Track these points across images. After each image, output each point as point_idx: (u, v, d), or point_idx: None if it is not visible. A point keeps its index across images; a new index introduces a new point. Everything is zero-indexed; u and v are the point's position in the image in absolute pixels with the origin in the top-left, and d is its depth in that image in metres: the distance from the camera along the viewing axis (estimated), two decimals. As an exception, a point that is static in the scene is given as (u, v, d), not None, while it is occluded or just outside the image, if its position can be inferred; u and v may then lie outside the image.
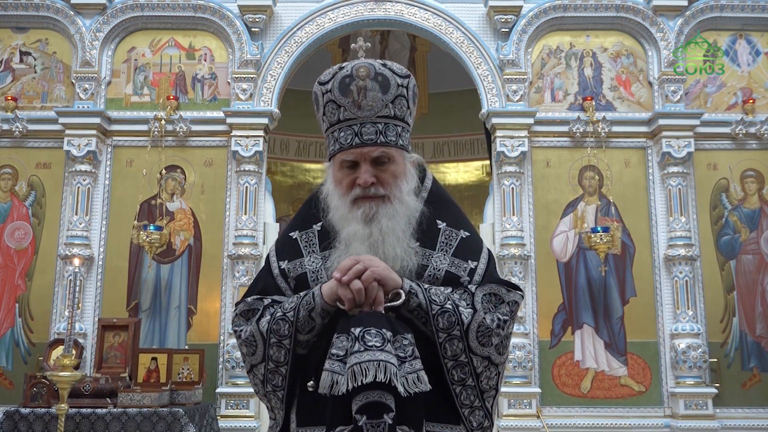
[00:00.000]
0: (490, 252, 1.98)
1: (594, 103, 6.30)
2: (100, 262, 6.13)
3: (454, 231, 1.92)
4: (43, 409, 4.73)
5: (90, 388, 4.86)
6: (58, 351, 5.02)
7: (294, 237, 1.95)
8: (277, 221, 6.60)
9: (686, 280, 6.04)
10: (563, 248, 6.22)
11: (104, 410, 4.69)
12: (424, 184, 1.96)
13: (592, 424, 5.87)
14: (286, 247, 1.95)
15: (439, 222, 1.91)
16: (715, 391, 5.88)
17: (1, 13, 6.43)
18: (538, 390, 5.90)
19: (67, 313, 5.48)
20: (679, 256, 6.05)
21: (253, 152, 6.20)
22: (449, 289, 1.82)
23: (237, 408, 5.82)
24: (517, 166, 6.23)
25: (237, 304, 1.94)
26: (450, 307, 1.76)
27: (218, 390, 5.87)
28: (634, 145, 6.39)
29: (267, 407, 1.91)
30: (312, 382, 1.74)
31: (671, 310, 6.06)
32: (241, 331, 1.87)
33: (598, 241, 5.89)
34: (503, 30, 6.44)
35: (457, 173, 9.84)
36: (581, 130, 6.27)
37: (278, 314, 1.80)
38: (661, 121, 6.20)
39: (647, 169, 6.35)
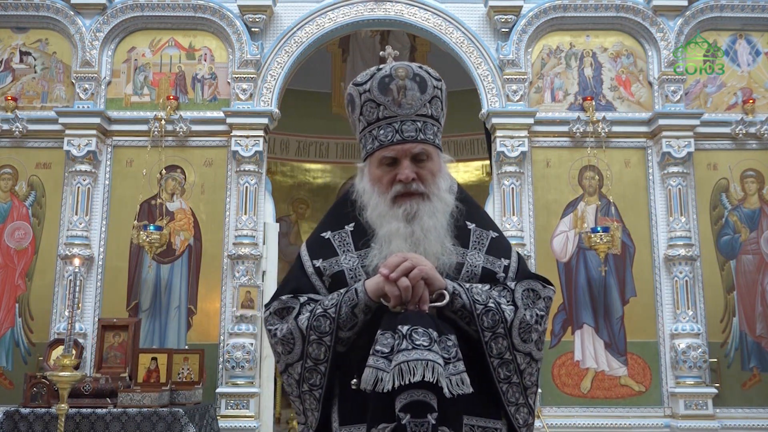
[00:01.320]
0: (518, 251, 2.02)
1: (594, 103, 6.30)
2: (100, 262, 6.13)
3: (484, 231, 1.95)
4: (43, 409, 4.73)
5: (90, 388, 4.86)
6: (58, 351, 5.02)
7: (326, 237, 1.94)
8: (277, 221, 6.61)
9: (686, 280, 6.04)
10: (563, 248, 6.22)
11: (104, 410, 4.69)
12: (452, 186, 1.98)
13: (592, 424, 5.87)
14: (318, 247, 1.94)
15: (468, 223, 1.94)
16: (715, 391, 5.88)
17: (1, 13, 6.43)
18: (538, 390, 5.90)
19: (67, 313, 5.48)
20: (679, 256, 6.05)
21: (253, 152, 6.20)
22: (487, 286, 1.84)
23: (237, 408, 5.83)
24: (517, 166, 6.23)
25: (268, 304, 1.92)
26: (493, 305, 1.78)
27: (218, 390, 5.87)
28: (634, 145, 6.39)
29: (298, 410, 1.88)
30: (355, 380, 1.71)
31: (671, 310, 6.06)
32: (276, 329, 1.84)
33: (598, 241, 5.89)
34: (503, 30, 6.44)
35: (457, 173, 9.84)
36: (581, 130, 6.27)
37: (318, 311, 1.78)
38: (661, 121, 6.20)
39: (647, 169, 6.35)
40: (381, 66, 1.95)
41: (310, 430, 1.84)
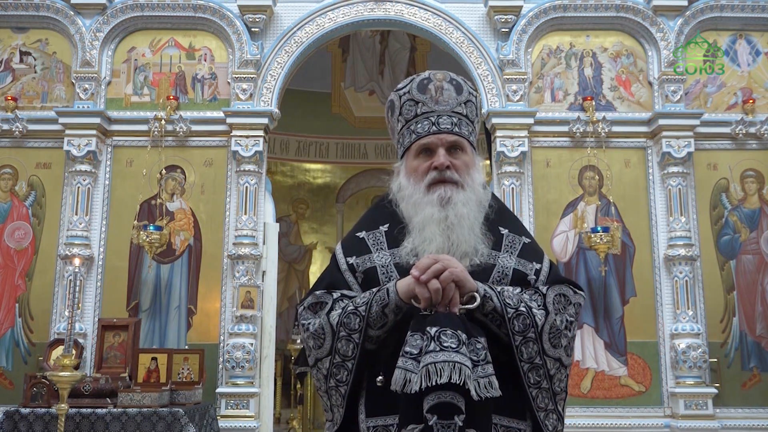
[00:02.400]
0: (550, 259, 2.04)
1: (594, 103, 6.30)
2: (100, 262, 6.13)
3: (516, 236, 1.98)
4: (43, 409, 4.73)
5: (90, 388, 4.86)
6: (58, 351, 5.02)
7: (361, 236, 1.98)
8: (277, 221, 6.61)
9: (686, 280, 6.04)
10: (563, 248, 6.22)
11: (104, 410, 4.69)
12: (485, 192, 2.02)
13: (592, 424, 5.87)
14: (353, 245, 1.98)
15: (501, 228, 1.97)
16: (715, 391, 5.88)
17: (1, 13, 6.43)
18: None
19: (67, 313, 5.48)
20: (679, 256, 6.05)
21: (253, 152, 6.20)
22: (518, 289, 1.85)
23: (237, 408, 5.83)
24: (517, 166, 6.23)
25: (303, 299, 1.95)
26: (524, 309, 1.79)
27: (218, 390, 5.87)
28: (634, 145, 6.39)
29: (325, 407, 1.90)
30: (381, 377, 1.74)
31: (671, 310, 6.06)
32: (309, 324, 1.88)
33: (598, 241, 5.89)
34: (503, 30, 6.44)
35: (457, 173, 9.82)
36: (581, 130, 6.27)
37: (350, 308, 1.81)
38: (661, 121, 6.20)
39: (647, 169, 6.35)
40: (420, 73, 2.08)
41: (335, 427, 1.86)
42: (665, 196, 6.24)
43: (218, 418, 5.67)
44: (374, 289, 1.82)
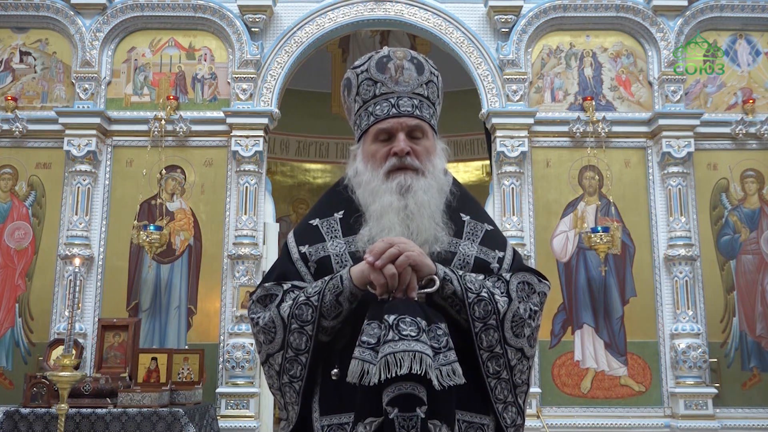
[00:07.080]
0: (513, 247, 1.97)
1: (594, 103, 6.30)
2: (100, 262, 6.13)
3: (478, 224, 1.89)
4: (43, 409, 4.72)
5: (90, 388, 4.86)
6: (58, 351, 5.02)
7: (314, 224, 1.88)
8: (277, 221, 6.61)
9: (686, 280, 6.04)
10: (563, 248, 6.22)
11: (104, 410, 4.69)
12: (446, 178, 1.94)
13: (592, 424, 5.87)
14: (306, 233, 1.88)
15: (463, 215, 1.88)
16: (715, 391, 5.88)
17: (1, 13, 6.43)
18: (538, 390, 5.90)
19: (67, 313, 5.48)
20: (679, 256, 6.05)
21: (253, 152, 6.20)
22: (482, 276, 1.77)
23: (237, 408, 5.83)
24: (517, 166, 6.23)
25: (253, 292, 1.86)
26: (486, 295, 1.70)
27: (218, 390, 5.87)
28: (634, 145, 6.39)
29: (280, 405, 1.82)
30: (336, 370, 1.65)
31: (671, 310, 6.06)
32: (258, 318, 1.77)
33: (598, 241, 5.89)
34: (503, 30, 6.44)
35: (457, 173, 9.83)
36: (581, 130, 6.27)
37: (301, 299, 1.71)
38: (661, 121, 6.20)
39: (647, 169, 6.35)
40: (378, 50, 1.96)
41: (290, 426, 1.76)
42: (665, 196, 6.24)
43: (218, 418, 5.67)
44: (327, 278, 1.72)
